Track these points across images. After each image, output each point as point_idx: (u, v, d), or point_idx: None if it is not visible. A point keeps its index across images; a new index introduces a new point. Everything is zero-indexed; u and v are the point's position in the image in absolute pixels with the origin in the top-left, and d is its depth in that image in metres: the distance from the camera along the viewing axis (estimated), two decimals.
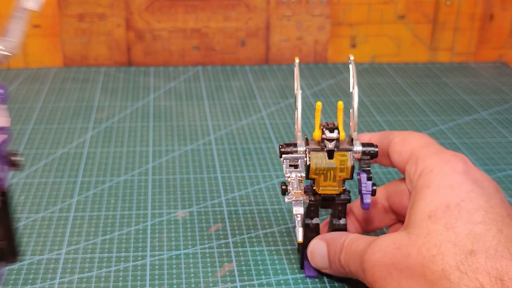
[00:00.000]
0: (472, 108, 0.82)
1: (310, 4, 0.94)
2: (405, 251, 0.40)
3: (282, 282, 0.48)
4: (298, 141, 0.46)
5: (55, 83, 0.88)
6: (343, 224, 0.47)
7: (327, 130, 0.45)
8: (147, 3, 0.92)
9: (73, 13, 0.91)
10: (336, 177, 0.45)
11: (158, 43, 0.94)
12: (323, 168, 0.45)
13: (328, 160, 0.45)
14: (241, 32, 0.95)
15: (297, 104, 0.47)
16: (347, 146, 0.46)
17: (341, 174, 0.45)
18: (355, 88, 0.47)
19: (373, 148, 0.46)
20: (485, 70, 0.96)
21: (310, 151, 0.45)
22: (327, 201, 0.47)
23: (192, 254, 0.51)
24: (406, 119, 0.78)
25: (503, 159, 0.68)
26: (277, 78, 0.91)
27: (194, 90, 0.86)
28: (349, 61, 0.48)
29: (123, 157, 0.67)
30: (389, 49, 0.98)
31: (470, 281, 0.36)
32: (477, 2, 0.96)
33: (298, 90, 0.47)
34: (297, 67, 0.48)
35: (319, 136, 0.45)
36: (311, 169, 0.45)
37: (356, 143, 0.46)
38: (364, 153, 0.46)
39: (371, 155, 0.46)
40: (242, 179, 0.63)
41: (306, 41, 0.96)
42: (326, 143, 0.45)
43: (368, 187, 0.44)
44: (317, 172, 0.45)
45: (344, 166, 0.45)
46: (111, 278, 0.48)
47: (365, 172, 0.45)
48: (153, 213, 0.57)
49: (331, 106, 0.77)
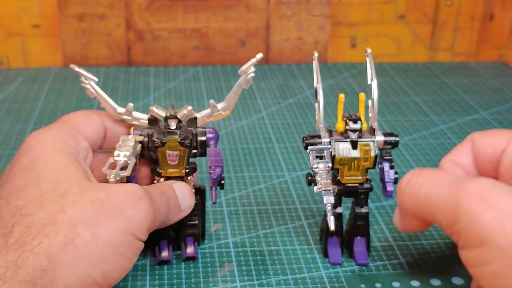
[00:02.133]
0: (472, 108, 0.82)
1: (310, 4, 0.94)
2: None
3: (282, 282, 0.48)
4: (322, 133, 0.48)
5: (55, 83, 0.88)
6: (365, 212, 0.49)
7: (351, 121, 0.47)
8: (147, 3, 0.92)
9: (73, 13, 0.91)
10: (359, 167, 0.47)
11: (158, 43, 0.94)
12: (347, 158, 0.47)
13: (352, 150, 0.47)
14: (241, 32, 0.95)
15: (318, 97, 0.48)
16: (370, 136, 0.47)
17: (365, 164, 0.47)
18: (374, 80, 0.49)
19: (394, 138, 0.48)
20: (485, 70, 0.96)
21: (334, 142, 0.47)
22: (350, 190, 0.49)
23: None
24: (406, 119, 0.78)
25: None
26: (277, 78, 0.91)
27: (194, 90, 0.86)
28: (366, 54, 0.50)
29: None
30: (389, 49, 0.98)
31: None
32: (477, 2, 0.96)
33: (319, 83, 0.48)
34: (316, 60, 0.49)
35: (342, 127, 0.47)
36: (336, 159, 0.47)
37: (377, 133, 0.48)
38: (386, 142, 0.48)
39: (392, 144, 0.48)
40: (242, 179, 0.63)
41: (306, 41, 0.96)
42: (349, 133, 0.47)
43: (390, 175, 0.47)
44: (341, 162, 0.47)
45: (367, 156, 0.47)
46: None
47: (387, 161, 0.47)
48: None
49: (331, 106, 0.76)
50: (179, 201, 0.47)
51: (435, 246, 0.52)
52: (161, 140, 0.47)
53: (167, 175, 0.48)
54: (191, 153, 0.48)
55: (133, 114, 0.49)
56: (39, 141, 0.44)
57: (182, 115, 0.48)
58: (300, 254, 0.51)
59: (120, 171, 0.44)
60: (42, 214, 0.39)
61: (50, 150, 0.43)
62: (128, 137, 0.47)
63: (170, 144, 0.47)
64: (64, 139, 0.45)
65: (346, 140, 0.47)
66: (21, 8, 0.90)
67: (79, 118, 0.48)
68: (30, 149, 0.44)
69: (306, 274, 0.49)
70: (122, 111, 0.49)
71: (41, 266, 0.36)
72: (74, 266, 0.37)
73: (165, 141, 0.47)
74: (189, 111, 0.48)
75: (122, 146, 0.46)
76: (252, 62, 0.48)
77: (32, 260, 0.36)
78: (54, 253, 0.37)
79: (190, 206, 0.48)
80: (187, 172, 0.48)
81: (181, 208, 0.47)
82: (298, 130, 0.74)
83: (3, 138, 0.71)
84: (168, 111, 0.48)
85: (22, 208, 0.39)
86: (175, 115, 0.47)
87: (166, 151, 0.48)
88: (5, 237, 0.37)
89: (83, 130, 0.47)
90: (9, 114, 0.78)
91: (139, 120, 0.49)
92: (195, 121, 0.49)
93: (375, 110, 0.49)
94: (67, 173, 0.42)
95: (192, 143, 0.48)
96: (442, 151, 0.69)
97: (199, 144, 0.48)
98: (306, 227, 0.55)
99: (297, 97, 0.84)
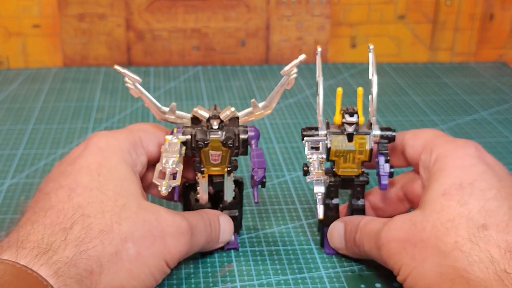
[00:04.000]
0: (472, 108, 0.82)
1: (310, 4, 0.94)
2: (420, 226, 0.41)
3: (282, 282, 0.48)
4: (320, 125, 0.48)
5: (55, 83, 0.88)
6: (362, 205, 0.50)
7: (347, 114, 0.48)
8: (147, 3, 0.92)
9: (73, 13, 0.91)
10: (355, 159, 0.48)
11: (158, 43, 0.94)
12: (342, 150, 0.48)
13: (348, 143, 0.48)
14: (241, 32, 0.95)
15: (319, 90, 0.50)
16: (366, 130, 0.48)
17: (360, 157, 0.48)
18: (374, 75, 0.50)
19: (390, 132, 0.48)
20: (485, 70, 0.96)
21: (330, 134, 0.48)
22: (347, 182, 0.50)
23: (192, 254, 0.51)
24: (406, 119, 0.78)
25: (504, 159, 0.68)
26: (277, 78, 0.90)
27: (194, 90, 0.86)
28: (369, 50, 0.51)
29: None
30: (389, 49, 0.98)
31: (481, 252, 0.38)
32: (477, 2, 0.96)
33: (320, 77, 0.50)
34: (319, 55, 0.51)
35: (340, 120, 0.48)
36: (331, 151, 0.48)
37: (374, 127, 0.48)
38: (382, 137, 0.48)
39: (389, 139, 0.48)
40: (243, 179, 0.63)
41: (306, 41, 0.96)
42: (346, 126, 0.48)
43: (385, 169, 0.47)
44: (337, 154, 0.48)
45: (362, 149, 0.48)
46: None
47: (383, 155, 0.48)
48: None
49: (330, 106, 0.76)
50: (220, 234, 0.49)
51: None
52: (205, 140, 0.48)
53: (209, 173, 0.49)
54: (233, 153, 0.49)
55: (176, 113, 0.50)
56: (108, 144, 0.46)
57: (225, 116, 0.48)
58: (300, 254, 0.51)
59: (171, 182, 0.45)
60: (101, 219, 0.40)
61: (117, 159, 0.45)
62: (173, 139, 0.48)
63: (213, 144, 0.48)
64: (129, 150, 0.47)
65: (342, 132, 0.48)
66: (21, 8, 0.90)
67: (146, 132, 0.49)
68: (99, 149, 0.45)
69: (306, 274, 0.49)
70: (166, 110, 0.50)
71: (91, 268, 0.38)
72: (114, 275, 0.40)
73: (208, 141, 0.48)
74: (232, 112, 0.49)
75: (169, 150, 0.47)
76: (295, 63, 0.49)
77: (85, 260, 0.38)
78: (104, 259, 0.39)
79: (226, 241, 0.50)
80: (228, 170, 0.49)
81: (219, 241, 0.49)
82: (298, 130, 0.74)
83: (3, 138, 0.71)
84: (211, 111, 0.49)
85: (84, 208, 0.41)
86: (218, 116, 0.48)
87: (209, 151, 0.48)
88: (65, 231, 0.39)
89: (146, 145, 0.49)
90: (9, 114, 0.78)
91: (182, 119, 0.50)
92: (237, 121, 0.49)
93: (373, 105, 0.49)
94: (129, 188, 0.44)
95: (234, 143, 0.48)
96: None
97: (241, 142, 0.49)
98: (306, 227, 0.55)
99: (297, 97, 0.84)
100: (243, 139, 0.49)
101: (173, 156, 0.46)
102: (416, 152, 0.48)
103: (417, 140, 0.48)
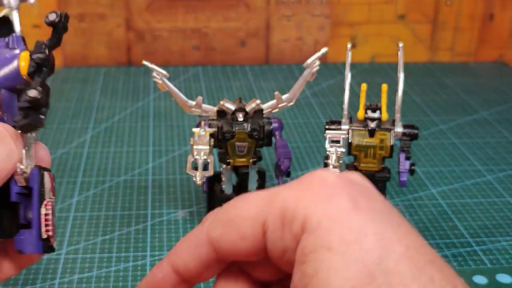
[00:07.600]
0: (472, 108, 0.82)
1: (310, 4, 0.94)
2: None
3: None
4: (344, 119, 0.49)
5: (55, 83, 0.88)
6: None
7: (370, 110, 0.49)
8: (147, 3, 0.92)
9: (73, 13, 0.91)
10: (376, 155, 0.49)
11: (158, 43, 0.94)
12: (363, 145, 0.49)
13: (369, 138, 0.49)
14: (241, 32, 0.95)
15: (346, 85, 0.51)
16: (389, 126, 0.49)
17: (381, 152, 0.49)
18: (401, 73, 0.50)
19: (413, 130, 0.49)
20: (485, 70, 0.96)
21: (352, 129, 0.49)
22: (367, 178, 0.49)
23: None
24: (406, 119, 0.78)
25: (503, 159, 0.68)
26: (277, 78, 0.91)
27: (194, 90, 0.86)
28: (398, 48, 0.51)
29: (123, 157, 0.67)
30: (389, 49, 0.98)
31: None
32: (477, 2, 0.96)
33: (348, 73, 0.51)
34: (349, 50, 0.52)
35: (363, 115, 0.49)
36: (352, 145, 0.49)
37: (397, 124, 0.49)
38: (405, 134, 0.49)
39: (411, 136, 0.49)
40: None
41: (306, 41, 0.96)
42: (368, 122, 0.49)
43: (405, 165, 0.48)
44: (357, 148, 0.49)
45: (383, 145, 0.48)
46: (111, 278, 0.48)
47: (404, 152, 0.49)
48: (153, 213, 0.57)
49: (330, 106, 0.77)
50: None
51: (435, 246, 0.52)
52: (231, 132, 0.49)
53: (235, 164, 0.51)
54: (258, 144, 0.51)
55: (202, 107, 0.51)
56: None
57: (251, 109, 0.50)
58: None
59: (204, 172, 0.47)
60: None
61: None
62: (202, 131, 0.49)
63: (239, 136, 0.50)
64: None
65: (364, 128, 0.49)
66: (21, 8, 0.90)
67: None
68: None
69: None
70: (192, 104, 0.51)
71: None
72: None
73: (235, 133, 0.50)
74: (257, 104, 0.51)
75: (199, 143, 0.49)
76: (317, 56, 0.50)
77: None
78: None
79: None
80: (254, 161, 0.51)
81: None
82: (298, 130, 0.74)
83: None
84: (236, 104, 0.50)
85: None
86: (243, 108, 0.50)
87: (235, 143, 0.50)
88: None
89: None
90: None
91: (208, 112, 0.51)
92: (261, 113, 0.51)
93: (398, 102, 0.50)
94: None
95: (259, 135, 0.50)
96: (442, 151, 0.69)
97: (266, 134, 0.51)
98: None
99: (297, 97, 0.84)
100: (268, 130, 0.50)
101: (204, 148, 0.48)
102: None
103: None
